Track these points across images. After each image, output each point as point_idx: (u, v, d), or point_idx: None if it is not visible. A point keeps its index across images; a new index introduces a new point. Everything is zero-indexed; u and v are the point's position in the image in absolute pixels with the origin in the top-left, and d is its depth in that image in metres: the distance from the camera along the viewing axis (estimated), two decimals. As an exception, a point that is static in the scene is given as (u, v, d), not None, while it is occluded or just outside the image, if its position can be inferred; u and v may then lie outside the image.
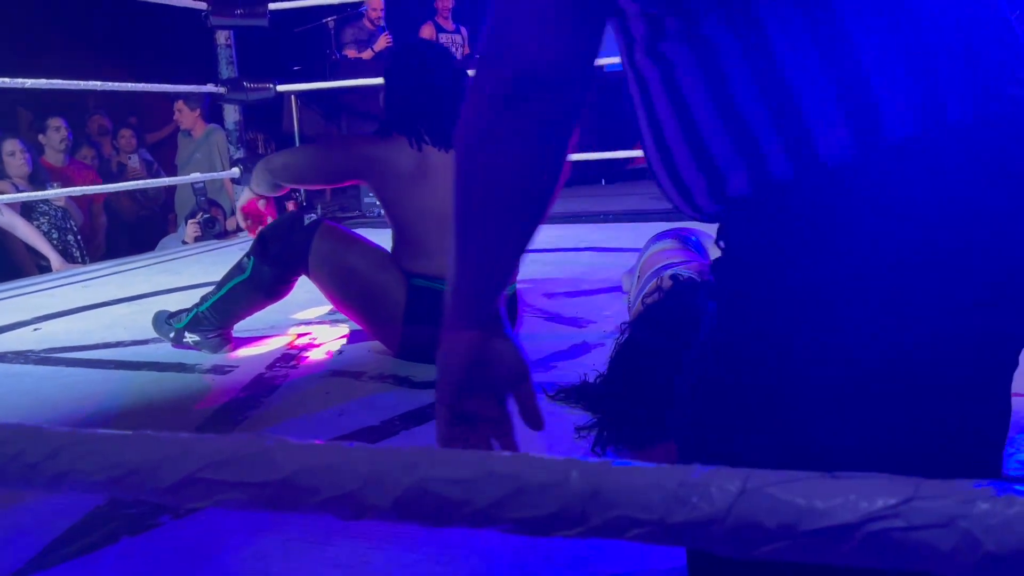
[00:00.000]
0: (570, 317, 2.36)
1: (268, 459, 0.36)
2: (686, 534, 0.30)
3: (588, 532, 0.31)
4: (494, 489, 0.33)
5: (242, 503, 0.36)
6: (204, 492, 0.37)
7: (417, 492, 0.34)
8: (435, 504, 0.34)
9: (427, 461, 0.34)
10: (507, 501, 0.33)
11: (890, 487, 0.29)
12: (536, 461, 0.33)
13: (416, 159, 1.96)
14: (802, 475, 0.30)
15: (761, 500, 0.29)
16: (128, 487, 0.38)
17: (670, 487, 0.30)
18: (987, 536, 0.27)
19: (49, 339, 2.45)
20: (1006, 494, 0.27)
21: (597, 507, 0.31)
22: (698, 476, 0.30)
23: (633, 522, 0.31)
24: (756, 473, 0.30)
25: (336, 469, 0.35)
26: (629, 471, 0.31)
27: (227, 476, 0.36)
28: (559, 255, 3.47)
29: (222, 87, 4.52)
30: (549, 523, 0.32)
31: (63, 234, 4.71)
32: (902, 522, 0.28)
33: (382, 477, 0.34)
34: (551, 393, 1.66)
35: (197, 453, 0.37)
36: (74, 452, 0.38)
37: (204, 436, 0.37)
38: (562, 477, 0.32)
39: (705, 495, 0.30)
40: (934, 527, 0.28)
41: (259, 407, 1.75)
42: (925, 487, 0.28)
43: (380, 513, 0.34)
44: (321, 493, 0.35)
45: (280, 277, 2.04)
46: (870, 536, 0.28)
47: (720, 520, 0.30)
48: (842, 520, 0.28)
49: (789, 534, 0.29)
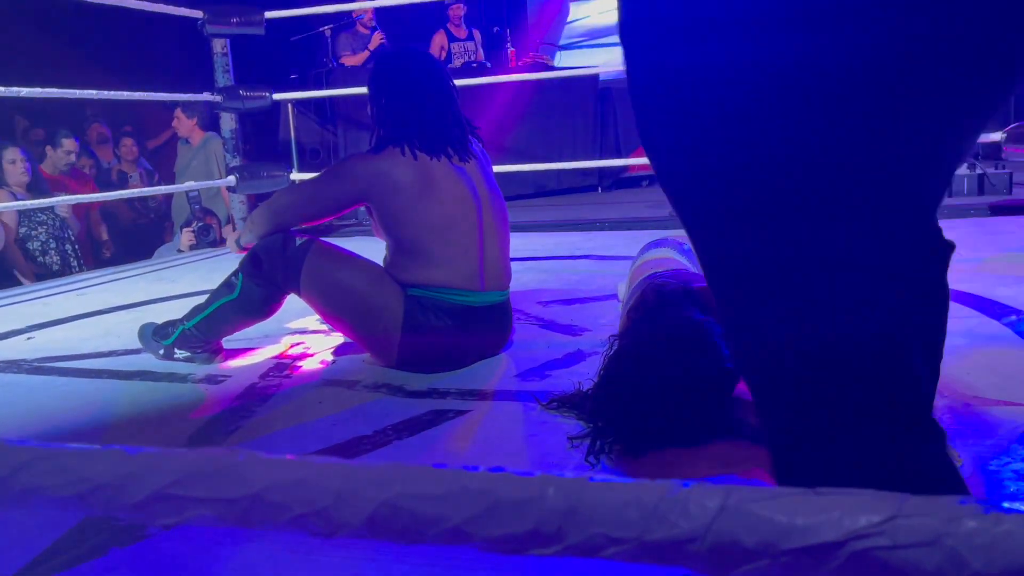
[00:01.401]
0: (565, 325, 2.35)
1: (238, 474, 0.35)
2: (665, 553, 0.29)
3: (565, 550, 0.30)
4: (468, 506, 0.32)
5: (211, 520, 0.35)
6: (173, 508, 0.36)
7: (390, 509, 0.33)
8: (408, 521, 0.33)
9: (400, 477, 0.33)
10: (481, 518, 0.32)
11: (874, 504, 0.28)
12: (511, 477, 0.32)
13: (415, 170, 1.92)
14: (784, 491, 0.29)
15: (741, 517, 0.28)
16: (96, 503, 0.37)
17: (648, 504, 0.29)
18: (973, 555, 0.26)
19: (43, 348, 2.44)
20: (993, 512, 0.26)
21: (574, 524, 0.30)
22: (677, 492, 0.29)
23: (610, 540, 0.30)
24: (736, 489, 0.29)
25: (307, 485, 0.34)
26: (606, 488, 0.30)
27: (196, 492, 0.35)
28: (555, 263, 3.46)
29: (218, 95, 4.52)
30: (525, 541, 0.31)
31: (61, 243, 4.71)
32: (887, 540, 0.27)
33: (354, 493, 0.33)
34: (544, 402, 1.65)
35: (166, 468, 0.36)
36: (41, 467, 0.37)
37: (173, 451, 0.36)
38: (538, 493, 0.31)
39: (684, 512, 0.29)
40: (919, 546, 0.27)
41: (252, 417, 1.74)
42: (910, 504, 0.27)
43: (352, 530, 0.33)
44: (292, 510, 0.34)
45: (270, 296, 2.01)
46: (854, 555, 0.27)
47: (699, 538, 0.29)
48: (825, 538, 0.27)
49: (770, 553, 0.28)
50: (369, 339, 1.99)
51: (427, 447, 1.52)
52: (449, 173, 1.95)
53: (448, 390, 1.83)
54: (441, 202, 1.92)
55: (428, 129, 1.97)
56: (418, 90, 1.99)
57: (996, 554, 0.26)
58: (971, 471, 1.26)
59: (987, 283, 2.48)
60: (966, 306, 2.25)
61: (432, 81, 2.02)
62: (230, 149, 4.70)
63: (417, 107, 1.98)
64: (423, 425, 1.62)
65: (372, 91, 2.04)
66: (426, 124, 1.97)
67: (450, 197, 1.94)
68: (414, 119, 1.97)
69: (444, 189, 1.93)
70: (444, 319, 1.93)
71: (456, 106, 2.04)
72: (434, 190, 1.92)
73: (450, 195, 1.94)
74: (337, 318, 2.00)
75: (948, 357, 1.85)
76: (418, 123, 1.96)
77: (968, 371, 1.72)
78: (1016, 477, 1.23)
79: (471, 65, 6.65)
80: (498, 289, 2.04)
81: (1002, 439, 1.37)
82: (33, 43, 6.67)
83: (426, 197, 1.91)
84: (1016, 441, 1.36)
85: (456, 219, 1.94)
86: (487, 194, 2.02)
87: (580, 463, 1.38)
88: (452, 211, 1.94)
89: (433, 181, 1.92)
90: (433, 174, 1.93)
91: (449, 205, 1.93)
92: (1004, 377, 1.66)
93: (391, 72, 2.03)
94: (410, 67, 2.03)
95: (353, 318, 1.97)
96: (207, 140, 5.66)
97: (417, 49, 2.29)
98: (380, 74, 2.04)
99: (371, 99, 2.05)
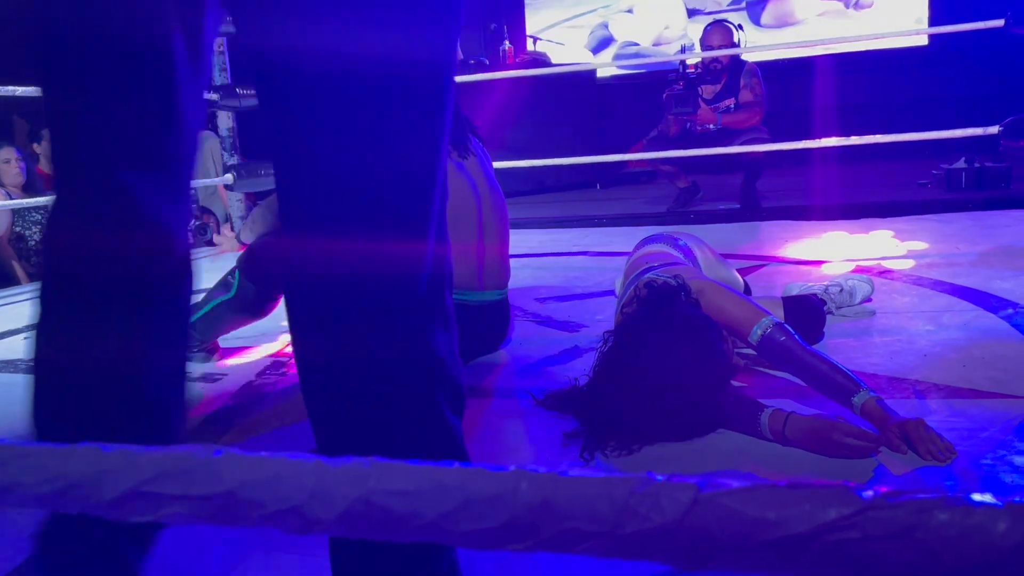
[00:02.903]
0: (562, 321, 2.34)
1: (212, 471, 0.35)
2: (638, 547, 0.29)
3: (538, 545, 0.30)
4: (441, 501, 0.32)
5: (186, 517, 0.35)
6: (148, 505, 0.36)
7: (364, 505, 0.32)
8: (382, 517, 0.32)
9: (374, 473, 0.33)
10: (455, 514, 0.32)
11: (845, 497, 0.27)
12: (484, 473, 0.32)
13: None
14: (755, 485, 0.28)
15: (713, 510, 0.28)
16: (70, 501, 0.36)
17: (620, 498, 0.29)
18: (945, 548, 0.26)
19: (39, 348, 2.44)
20: (964, 505, 0.26)
21: (547, 519, 0.30)
22: (648, 486, 0.29)
23: (583, 535, 0.30)
24: (708, 483, 0.29)
25: (281, 482, 0.34)
26: (579, 482, 0.30)
27: (170, 489, 0.35)
28: (553, 259, 3.46)
29: (215, 94, 4.51)
30: (498, 536, 0.31)
31: (56, 243, 4.71)
32: (857, 533, 0.27)
33: (328, 490, 0.33)
34: (540, 398, 1.65)
35: (140, 465, 0.36)
36: (14, 465, 0.37)
37: (148, 448, 0.36)
38: (511, 488, 0.31)
39: (656, 506, 0.29)
40: (890, 538, 0.27)
41: (248, 415, 1.74)
42: (881, 497, 0.27)
43: (327, 527, 0.33)
44: (266, 506, 0.34)
45: (266, 296, 2.01)
46: (825, 548, 0.27)
47: (672, 532, 0.29)
48: (795, 531, 0.27)
49: (742, 546, 0.28)
50: None
51: (422, 444, 1.51)
52: (454, 172, 1.94)
53: (444, 387, 1.83)
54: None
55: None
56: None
57: (967, 547, 0.26)
58: (966, 464, 1.26)
59: (984, 277, 2.48)
60: (963, 299, 2.25)
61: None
62: (227, 147, 4.70)
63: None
64: (419, 422, 1.62)
65: None
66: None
67: (453, 196, 1.93)
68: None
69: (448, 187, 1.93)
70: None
71: (460, 110, 2.03)
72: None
73: (453, 195, 1.93)
74: None
75: (945, 350, 1.85)
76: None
77: (964, 364, 1.71)
78: (1012, 470, 1.23)
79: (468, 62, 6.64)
80: (496, 288, 2.04)
81: (998, 432, 1.37)
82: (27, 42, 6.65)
83: None
84: (1012, 434, 1.36)
85: (456, 216, 1.93)
86: (487, 191, 2.01)
87: (575, 459, 1.38)
88: (452, 207, 1.93)
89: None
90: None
91: (451, 203, 1.92)
92: (1000, 370, 1.66)
93: None
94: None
95: None
96: (204, 139, 5.66)
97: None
98: None
99: None
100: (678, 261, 1.81)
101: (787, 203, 4.53)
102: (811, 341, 1.83)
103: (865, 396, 1.37)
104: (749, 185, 4.57)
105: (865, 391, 1.38)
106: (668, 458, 1.37)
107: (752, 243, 3.49)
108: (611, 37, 8.61)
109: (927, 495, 0.27)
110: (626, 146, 6.11)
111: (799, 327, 1.63)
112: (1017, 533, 0.25)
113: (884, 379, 1.66)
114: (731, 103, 4.60)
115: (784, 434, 1.35)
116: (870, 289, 2.25)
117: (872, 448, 1.30)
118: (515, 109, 5.68)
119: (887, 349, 1.86)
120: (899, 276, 2.62)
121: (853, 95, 7.25)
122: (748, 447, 1.38)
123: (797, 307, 1.92)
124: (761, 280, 2.64)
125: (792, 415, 1.36)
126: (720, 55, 4.53)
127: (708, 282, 1.63)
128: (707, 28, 4.74)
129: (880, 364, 1.76)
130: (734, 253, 3.18)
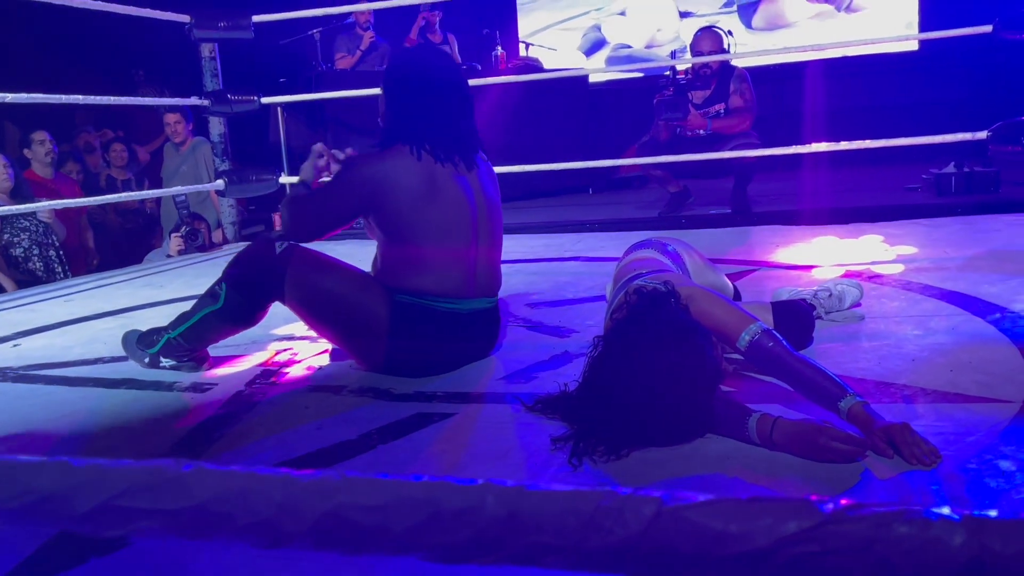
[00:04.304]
0: (552, 327, 2.35)
1: (182, 485, 0.34)
2: (602, 560, 0.29)
3: (503, 559, 0.30)
4: (410, 515, 0.32)
5: (157, 531, 0.35)
6: (120, 519, 0.36)
7: (332, 519, 0.32)
8: (351, 531, 0.32)
9: (342, 487, 0.33)
10: (423, 527, 0.32)
11: (806, 510, 0.28)
12: (451, 486, 0.32)
13: (420, 176, 1.88)
14: (718, 499, 0.29)
15: (676, 524, 0.28)
16: (42, 515, 0.36)
17: (585, 512, 0.29)
18: (904, 561, 0.26)
19: (29, 355, 2.43)
20: (922, 518, 0.26)
21: (513, 532, 0.30)
22: (612, 500, 0.29)
23: (549, 548, 0.30)
24: (671, 496, 0.29)
25: (250, 495, 0.34)
26: (544, 496, 0.30)
27: (141, 503, 0.35)
28: (544, 265, 3.46)
29: (207, 100, 4.51)
30: (465, 550, 0.31)
31: (44, 250, 4.69)
32: (818, 546, 0.27)
33: (296, 504, 0.33)
34: (529, 404, 1.65)
35: (112, 479, 0.35)
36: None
37: (119, 462, 0.36)
38: (478, 502, 0.31)
39: (620, 520, 0.29)
40: (850, 551, 0.27)
41: (237, 424, 1.74)
42: (842, 510, 0.27)
43: (297, 540, 0.33)
44: (235, 520, 0.34)
45: (254, 305, 2.00)
46: (786, 561, 0.27)
47: (635, 545, 0.29)
48: (757, 544, 0.27)
49: (705, 558, 0.28)
50: (354, 345, 1.98)
51: (412, 451, 1.51)
52: (450, 180, 1.92)
53: (434, 393, 1.83)
54: (439, 208, 1.89)
55: (442, 134, 1.92)
56: (437, 93, 1.93)
57: (927, 559, 0.26)
58: (952, 468, 1.26)
59: (972, 281, 2.49)
60: (951, 304, 2.26)
61: (452, 87, 1.96)
62: (219, 153, 4.69)
63: (434, 110, 1.92)
64: (409, 429, 1.62)
65: (388, 86, 1.97)
66: (440, 128, 1.92)
67: (448, 204, 1.91)
68: (432, 121, 1.92)
69: (444, 195, 1.90)
70: (431, 325, 1.93)
71: (471, 116, 2.00)
72: (434, 195, 1.89)
73: (449, 202, 1.91)
74: (322, 324, 1.99)
75: (932, 354, 1.85)
76: (432, 126, 1.91)
77: (951, 368, 1.72)
78: (998, 474, 1.24)
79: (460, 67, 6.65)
80: (487, 295, 2.04)
81: (984, 437, 1.37)
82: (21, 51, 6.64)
83: (425, 200, 1.88)
84: (998, 439, 1.36)
85: (451, 226, 1.92)
86: (484, 205, 2.00)
87: (564, 465, 1.38)
88: (448, 218, 1.91)
89: (435, 186, 1.89)
90: (436, 178, 1.90)
91: (446, 211, 1.90)
92: (987, 374, 1.67)
93: (412, 70, 1.96)
94: (432, 68, 1.96)
95: (337, 324, 1.96)
96: (196, 145, 5.65)
97: (439, 50, 2.23)
98: (399, 69, 1.98)
99: (385, 94, 1.98)
100: (667, 267, 1.82)
101: (777, 207, 4.55)
102: (800, 346, 1.84)
103: (851, 401, 1.37)
104: (740, 190, 4.58)
105: (851, 396, 1.38)
106: (656, 462, 1.37)
107: (742, 247, 3.49)
108: (604, 39, 8.64)
109: (887, 508, 0.27)
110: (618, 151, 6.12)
111: (788, 332, 1.63)
112: (973, 545, 0.25)
113: (872, 383, 1.67)
114: (721, 108, 4.62)
115: (772, 438, 1.35)
116: (859, 294, 2.26)
117: (858, 452, 1.30)
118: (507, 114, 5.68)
119: (875, 354, 1.87)
120: (888, 281, 2.63)
121: (843, 100, 7.28)
122: (736, 451, 1.39)
123: (786, 312, 1.92)
124: (751, 285, 2.65)
125: (779, 420, 1.36)
126: (710, 60, 4.55)
127: (697, 288, 1.63)
128: (697, 34, 4.76)
129: (868, 368, 1.77)
130: (724, 258, 3.18)
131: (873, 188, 5.21)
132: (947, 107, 6.84)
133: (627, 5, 8.57)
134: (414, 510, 0.32)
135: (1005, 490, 1.19)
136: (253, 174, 4.66)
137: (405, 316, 1.91)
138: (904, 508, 0.27)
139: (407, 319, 1.91)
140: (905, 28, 7.60)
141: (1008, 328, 1.98)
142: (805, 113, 6.95)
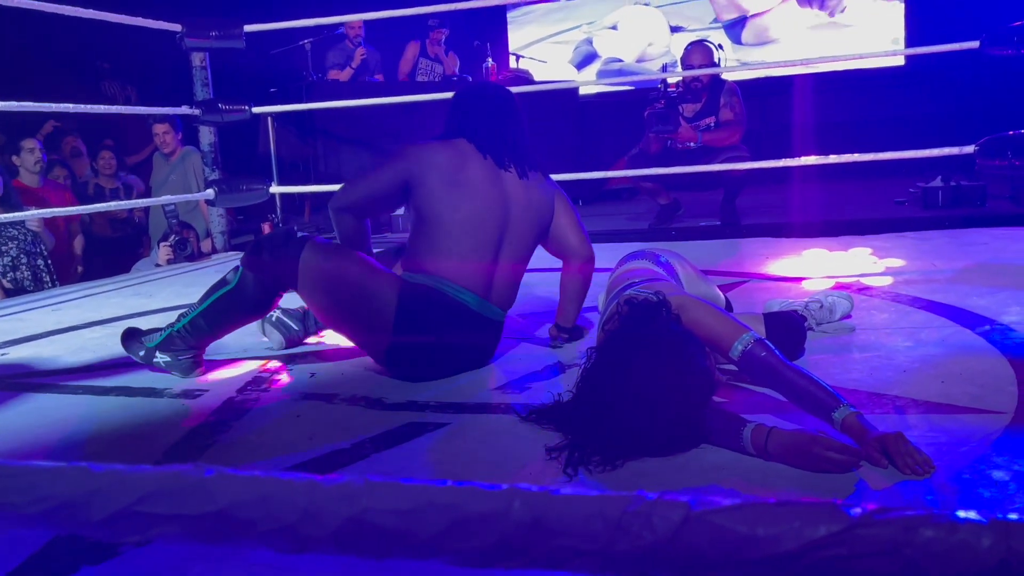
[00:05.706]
0: (545, 338, 2.35)
1: (204, 491, 0.34)
2: (630, 565, 0.30)
3: (530, 563, 0.31)
4: (435, 520, 0.32)
5: (178, 537, 0.35)
6: (139, 525, 0.36)
7: (356, 524, 0.32)
8: (375, 536, 0.33)
9: (366, 492, 0.33)
10: (449, 532, 0.32)
11: (834, 514, 0.28)
12: (477, 491, 0.32)
13: (456, 163, 2.00)
14: (745, 503, 0.29)
15: (704, 528, 0.29)
16: (62, 520, 0.36)
17: (612, 516, 0.30)
18: (932, 564, 0.27)
19: (16, 365, 2.41)
20: (949, 521, 0.27)
21: (540, 537, 0.31)
22: (641, 505, 0.29)
23: (576, 552, 0.30)
24: (699, 501, 0.29)
25: (273, 501, 0.34)
26: (571, 500, 0.30)
27: (162, 509, 0.35)
28: (536, 275, 3.46)
29: (197, 109, 4.50)
30: (492, 554, 0.31)
31: (32, 258, 4.66)
32: (846, 550, 0.27)
33: (320, 509, 0.33)
34: (524, 414, 1.65)
35: (131, 485, 0.35)
36: (6, 484, 0.37)
37: (139, 467, 0.36)
38: (504, 507, 0.31)
39: (648, 524, 0.29)
40: (878, 555, 0.27)
41: (228, 431, 1.73)
42: (869, 514, 0.28)
43: (320, 545, 0.33)
44: (258, 526, 0.34)
45: (266, 288, 2.01)
46: (814, 564, 0.28)
47: (663, 549, 0.29)
48: (785, 548, 0.28)
49: (733, 562, 0.28)
50: (361, 331, 2.00)
51: (405, 460, 1.51)
52: (494, 179, 2.03)
53: (427, 402, 1.83)
54: (473, 199, 1.99)
55: (498, 140, 2.08)
56: (498, 114, 2.12)
57: (953, 563, 0.27)
58: (945, 478, 1.27)
59: (961, 293, 2.51)
60: (941, 316, 2.28)
61: (510, 111, 2.14)
62: (209, 162, 4.68)
63: (489, 114, 2.11)
64: (401, 438, 1.62)
65: (453, 110, 2.15)
66: (491, 129, 2.08)
67: (484, 198, 2.01)
68: (486, 123, 2.09)
69: (482, 188, 2.01)
70: (439, 310, 1.94)
71: (523, 130, 2.17)
72: (473, 184, 1.99)
73: (485, 196, 2.01)
74: (331, 309, 2.00)
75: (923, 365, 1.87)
76: (485, 126, 2.08)
77: (943, 379, 1.73)
78: (990, 484, 1.24)
79: (451, 79, 6.67)
80: (499, 306, 2.07)
81: (976, 447, 1.38)
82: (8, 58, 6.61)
83: (461, 187, 1.98)
84: (990, 449, 1.37)
85: (482, 221, 1.99)
86: (522, 216, 2.08)
87: (558, 474, 1.38)
88: (481, 211, 2.00)
89: (475, 176, 2.00)
90: (478, 172, 2.01)
91: (480, 204, 2.00)
92: (978, 386, 1.68)
93: (475, 99, 2.15)
94: (493, 97, 2.16)
95: (346, 309, 1.97)
96: (185, 154, 5.63)
97: (499, 85, 2.44)
98: (465, 98, 2.17)
99: (450, 116, 2.15)
100: (659, 277, 1.82)
101: (767, 220, 4.58)
102: (792, 357, 1.85)
103: (845, 411, 1.38)
104: (729, 202, 4.61)
105: (845, 406, 1.39)
106: (651, 473, 1.37)
107: (733, 260, 3.51)
108: (595, 53, 8.68)
109: (914, 512, 0.27)
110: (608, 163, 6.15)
111: (780, 343, 1.64)
112: (1001, 549, 0.26)
113: (864, 394, 1.68)
114: (711, 121, 4.65)
115: (766, 449, 1.36)
116: (849, 306, 2.27)
117: (853, 462, 1.31)
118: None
119: (867, 365, 1.88)
120: (878, 293, 2.65)
121: (832, 114, 7.35)
122: (730, 462, 1.39)
123: (778, 323, 1.93)
124: (742, 296, 2.66)
125: (774, 430, 1.36)
126: (701, 74, 4.58)
127: (689, 298, 1.64)
128: (687, 48, 4.79)
129: (860, 380, 1.78)
130: (715, 269, 3.20)
131: (861, 201, 5.26)
132: (934, 122, 6.91)
133: (619, 19, 8.63)
134: (439, 515, 0.32)
135: (999, 500, 1.20)
136: (243, 184, 4.65)
137: (415, 296, 1.94)
138: (931, 512, 0.27)
139: (416, 299, 1.93)
140: (892, 44, 7.69)
141: (997, 340, 2.00)
142: (794, 127, 7.01)
